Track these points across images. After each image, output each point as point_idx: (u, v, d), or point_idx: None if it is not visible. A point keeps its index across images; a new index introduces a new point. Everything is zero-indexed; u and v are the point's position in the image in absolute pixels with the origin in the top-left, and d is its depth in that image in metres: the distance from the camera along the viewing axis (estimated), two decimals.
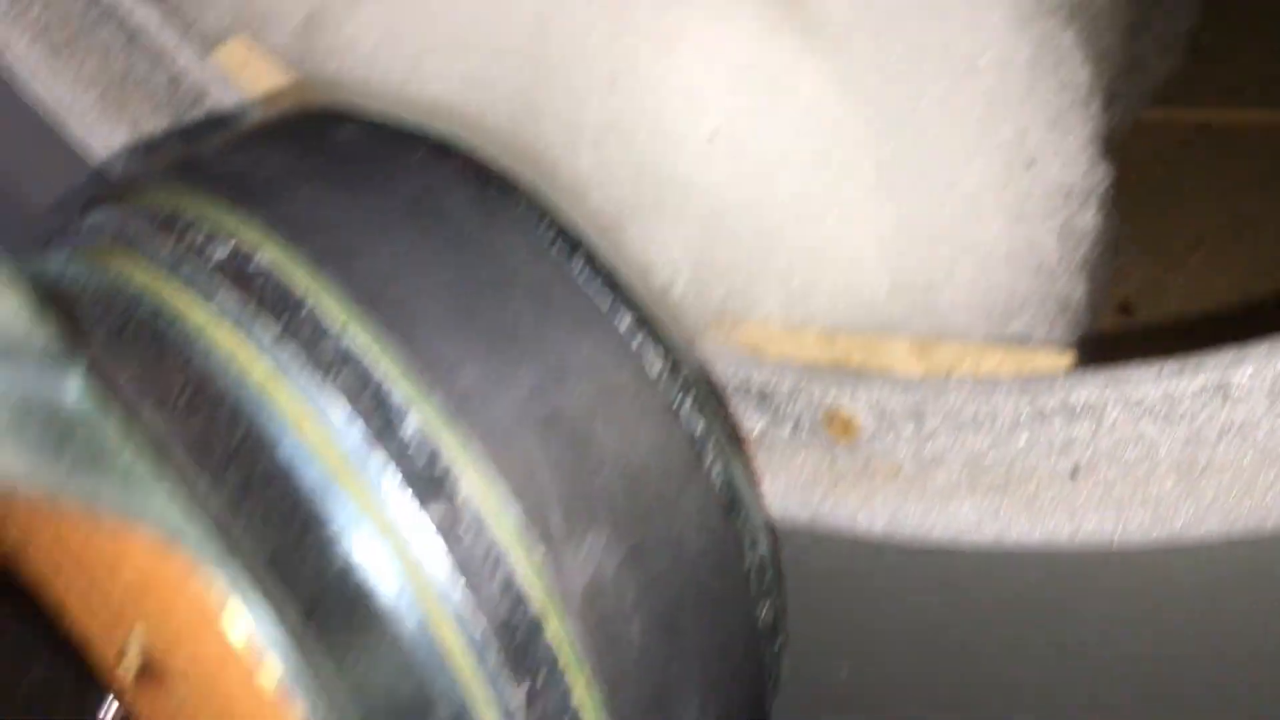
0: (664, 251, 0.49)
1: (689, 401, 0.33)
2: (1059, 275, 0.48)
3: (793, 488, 0.43)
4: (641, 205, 0.49)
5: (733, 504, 0.33)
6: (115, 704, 0.29)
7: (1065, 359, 0.42)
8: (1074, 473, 0.39)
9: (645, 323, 0.33)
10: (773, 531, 0.35)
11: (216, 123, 0.49)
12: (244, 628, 0.23)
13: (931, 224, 0.47)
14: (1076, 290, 0.48)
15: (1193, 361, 0.37)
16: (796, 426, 0.44)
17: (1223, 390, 0.36)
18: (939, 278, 0.47)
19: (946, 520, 0.40)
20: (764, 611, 0.34)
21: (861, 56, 0.46)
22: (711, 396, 0.34)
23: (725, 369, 0.44)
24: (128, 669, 0.26)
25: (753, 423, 0.45)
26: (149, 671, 0.26)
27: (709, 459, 0.33)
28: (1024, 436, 0.40)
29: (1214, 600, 0.38)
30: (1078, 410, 0.39)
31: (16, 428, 0.21)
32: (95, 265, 0.31)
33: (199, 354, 0.29)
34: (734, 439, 0.35)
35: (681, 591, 0.31)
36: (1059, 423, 0.39)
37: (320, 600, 0.27)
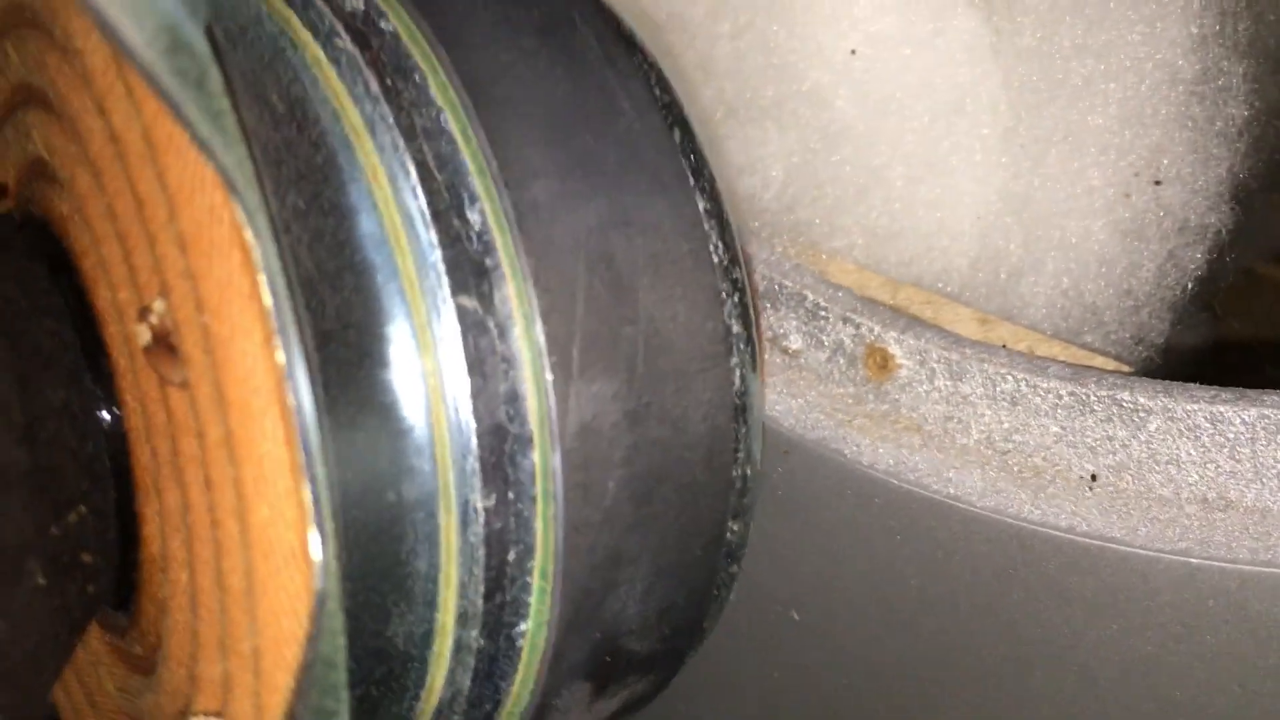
0: (764, 157, 0.49)
1: (734, 302, 0.33)
2: (1146, 304, 0.46)
3: (811, 411, 0.43)
4: (758, 105, 0.48)
5: (742, 411, 0.33)
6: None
7: (1123, 369, 0.41)
8: (1094, 478, 0.39)
9: (719, 215, 0.33)
10: (759, 464, 0.35)
11: None
12: (266, 318, 0.24)
13: (1037, 210, 0.46)
14: (1158, 324, 0.46)
15: (1255, 393, 0.36)
16: (836, 353, 0.43)
17: (1277, 428, 0.36)
18: (1026, 266, 0.46)
19: (949, 481, 0.40)
20: (733, 529, 0.34)
21: (1026, 19, 0.44)
22: (753, 312, 0.34)
23: (782, 277, 0.44)
24: (142, 334, 0.27)
25: (793, 340, 0.44)
26: (163, 342, 0.27)
27: (734, 361, 0.33)
28: (1057, 425, 0.39)
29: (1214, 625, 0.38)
30: (1119, 410, 0.38)
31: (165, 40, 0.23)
32: None
33: (306, 80, 0.29)
34: (759, 361, 0.35)
35: (666, 468, 0.31)
36: (1095, 420, 0.38)
37: (335, 340, 0.28)
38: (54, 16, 0.28)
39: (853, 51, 0.46)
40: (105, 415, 0.30)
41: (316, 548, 0.23)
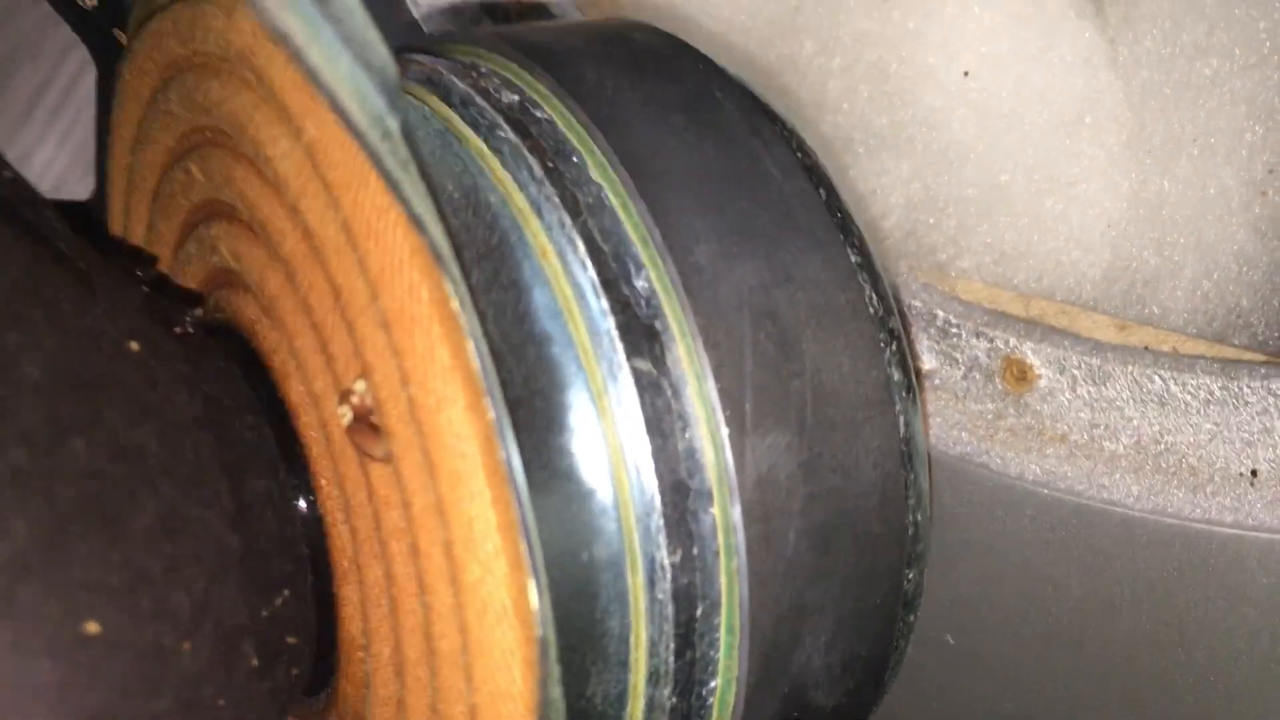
0: (883, 186, 0.49)
1: (892, 349, 0.33)
2: None
3: (950, 429, 0.43)
4: (874, 135, 0.49)
5: (909, 457, 0.33)
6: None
7: (1275, 364, 0.40)
8: (1254, 474, 0.38)
9: (870, 268, 0.34)
10: (929, 511, 0.35)
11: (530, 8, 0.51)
12: (474, 382, 0.25)
13: (1169, 214, 0.45)
14: None
15: None
16: (971, 370, 0.43)
17: None
18: (1163, 272, 0.46)
19: (1103, 487, 0.40)
20: (909, 577, 0.35)
21: (1144, 25, 0.44)
22: (909, 357, 0.35)
23: (911, 298, 0.44)
24: (345, 415, 0.28)
25: (926, 360, 0.45)
26: (364, 420, 0.28)
27: (898, 407, 0.33)
28: (1210, 422, 0.38)
29: None
30: (1275, 401, 0.37)
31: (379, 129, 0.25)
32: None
33: (474, 170, 0.31)
34: (921, 407, 0.36)
35: (842, 517, 0.32)
36: (1250, 414, 0.38)
37: (524, 406, 0.29)
38: (240, 131, 0.29)
39: (965, 73, 0.46)
40: (301, 502, 0.32)
41: (534, 597, 0.24)
